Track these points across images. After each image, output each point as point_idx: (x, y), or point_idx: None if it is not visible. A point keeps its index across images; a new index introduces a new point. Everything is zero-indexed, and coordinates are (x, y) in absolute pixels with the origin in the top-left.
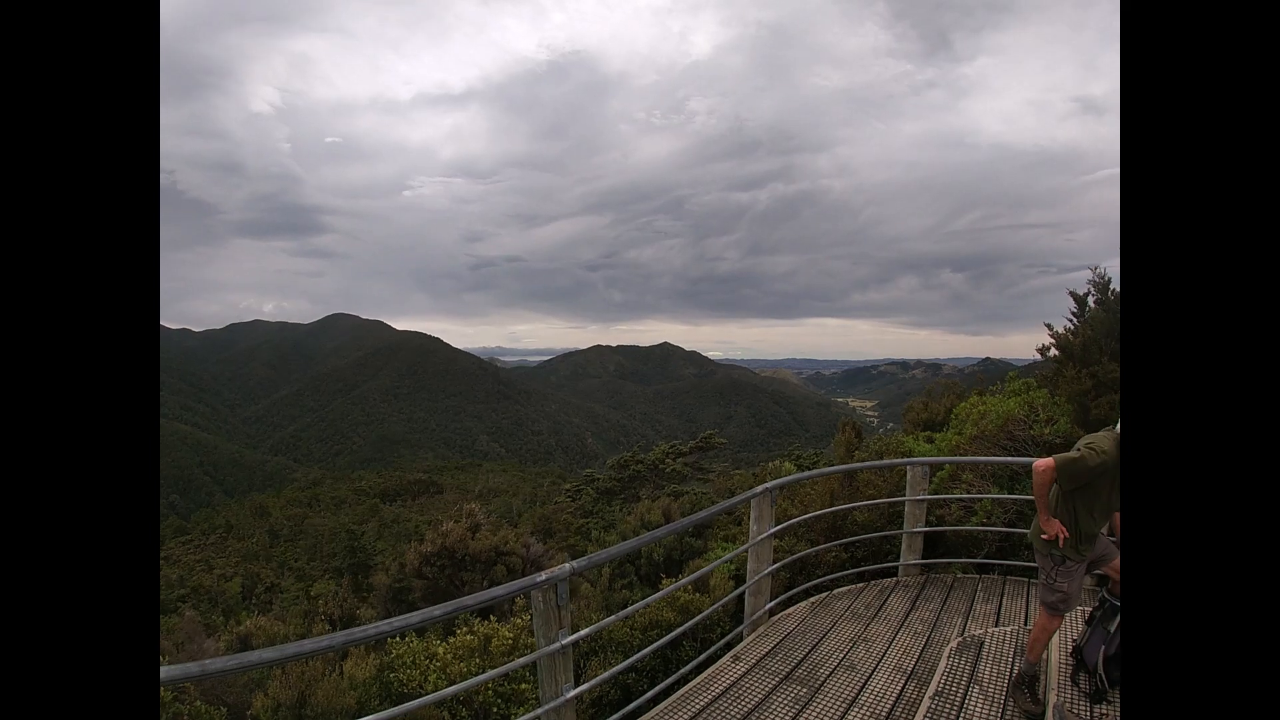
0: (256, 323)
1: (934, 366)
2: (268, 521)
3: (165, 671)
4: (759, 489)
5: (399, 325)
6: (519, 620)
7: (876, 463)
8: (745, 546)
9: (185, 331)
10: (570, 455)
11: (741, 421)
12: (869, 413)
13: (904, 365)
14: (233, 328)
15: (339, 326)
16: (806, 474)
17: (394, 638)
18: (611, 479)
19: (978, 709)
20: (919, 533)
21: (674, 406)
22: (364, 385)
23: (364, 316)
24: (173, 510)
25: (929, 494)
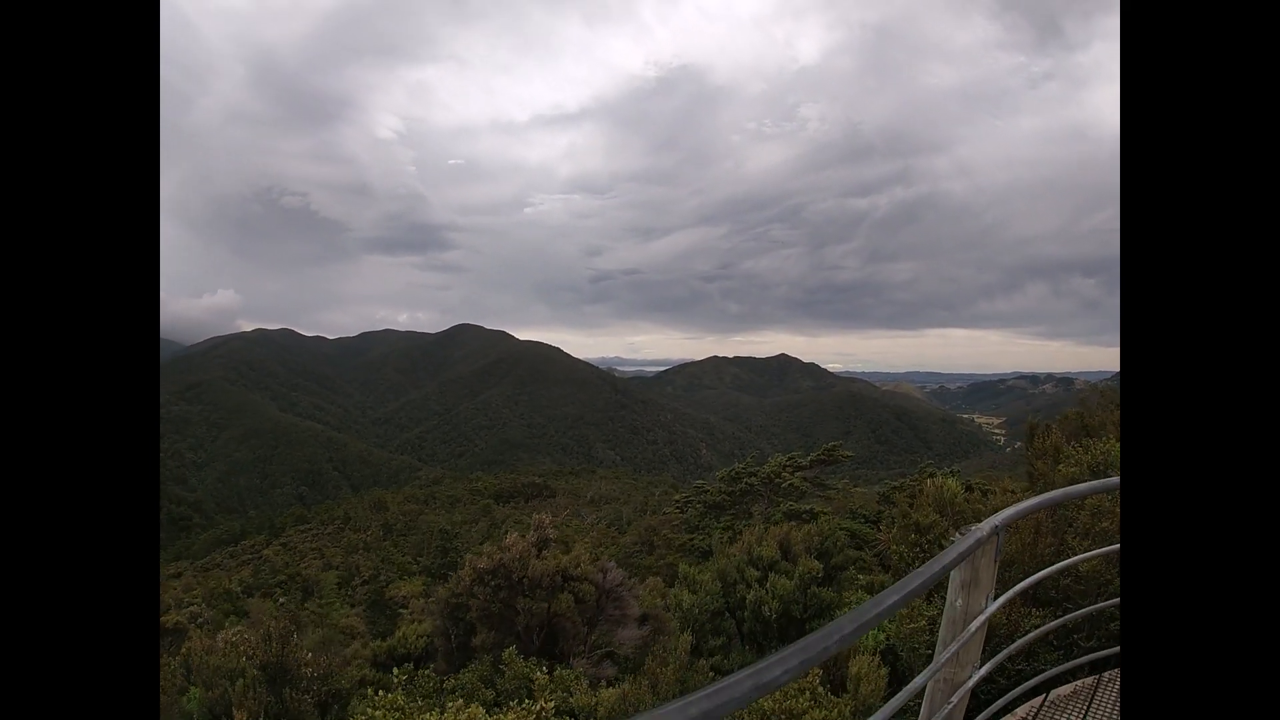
0: (388, 331)
1: (1065, 380)
2: (384, 516)
3: None
4: (981, 529)
5: (521, 335)
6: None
7: None
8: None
9: (320, 339)
10: (684, 465)
11: (860, 437)
12: (995, 430)
13: (1034, 379)
14: (365, 335)
15: (464, 336)
16: (1052, 496)
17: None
18: (721, 492)
19: None
20: None
21: (790, 420)
22: (487, 392)
23: (488, 327)
24: (300, 501)
25: None
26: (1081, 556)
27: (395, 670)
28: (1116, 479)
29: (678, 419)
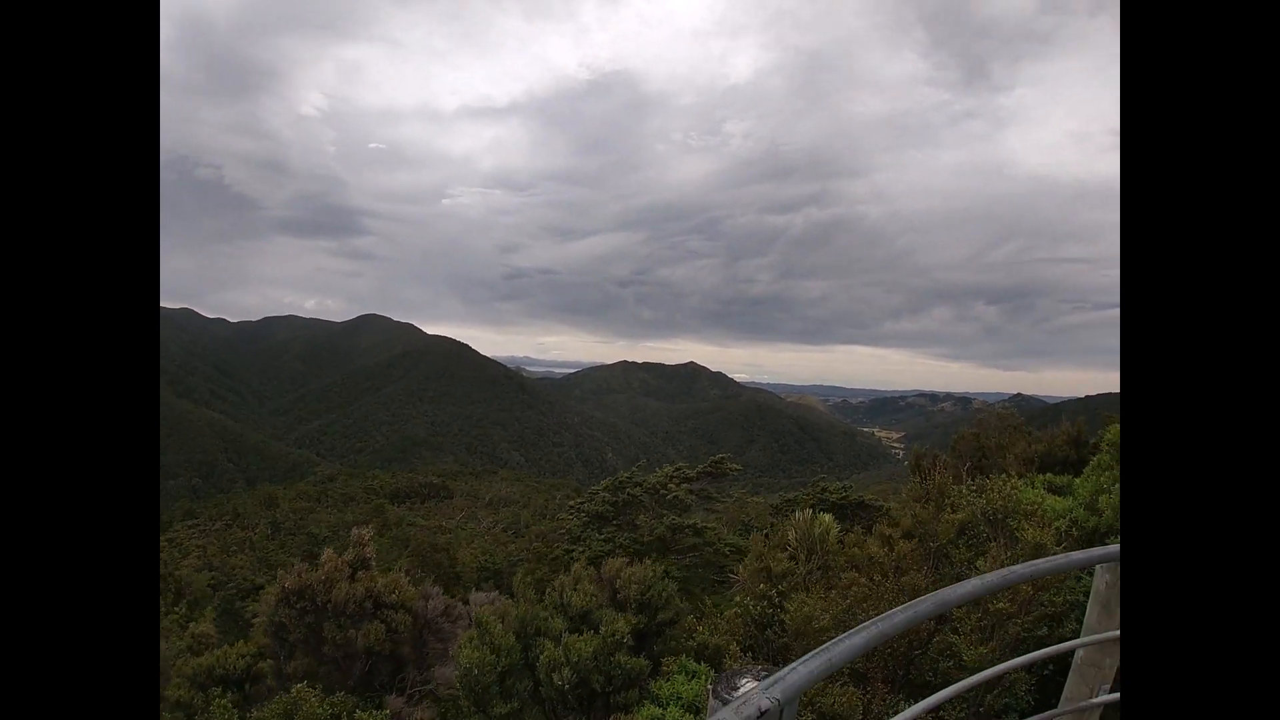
0: (292, 317)
1: (964, 400)
2: (274, 513)
3: None
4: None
5: (430, 329)
6: None
7: None
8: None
9: (221, 321)
10: (590, 469)
11: (765, 446)
12: (894, 444)
13: (933, 398)
14: (269, 320)
15: (371, 327)
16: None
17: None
18: (604, 502)
19: None
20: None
21: (696, 427)
22: (391, 386)
23: (396, 319)
24: (192, 494)
25: None
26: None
27: (212, 692)
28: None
29: (585, 422)
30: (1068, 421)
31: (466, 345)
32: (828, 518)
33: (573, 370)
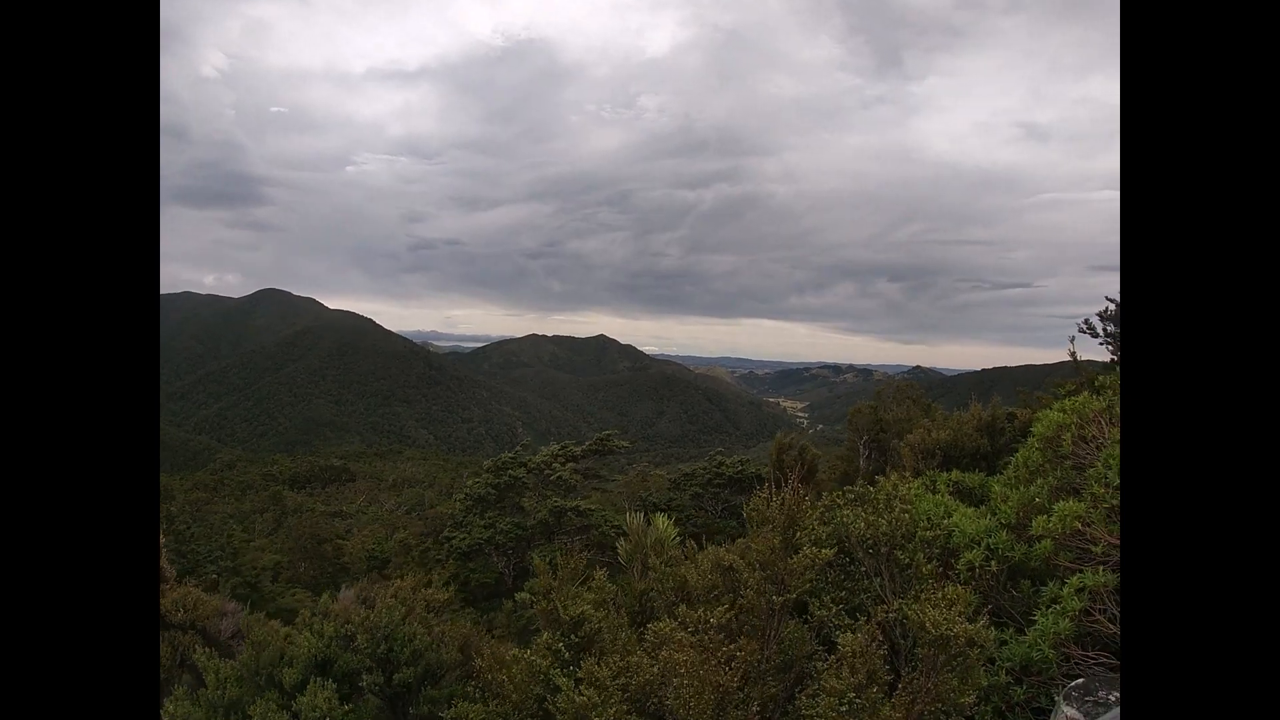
0: (186, 294)
1: (865, 372)
2: (168, 506)
3: None
4: None
5: (332, 304)
6: None
7: None
8: None
9: None
10: (500, 445)
11: (674, 417)
12: (800, 414)
13: (836, 369)
14: (163, 299)
15: (270, 302)
16: None
17: None
18: (486, 485)
19: None
20: None
21: (607, 399)
22: (292, 365)
23: (297, 293)
24: None
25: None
26: None
27: None
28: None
29: (494, 397)
30: (976, 399)
31: (370, 320)
32: (663, 522)
33: (481, 344)
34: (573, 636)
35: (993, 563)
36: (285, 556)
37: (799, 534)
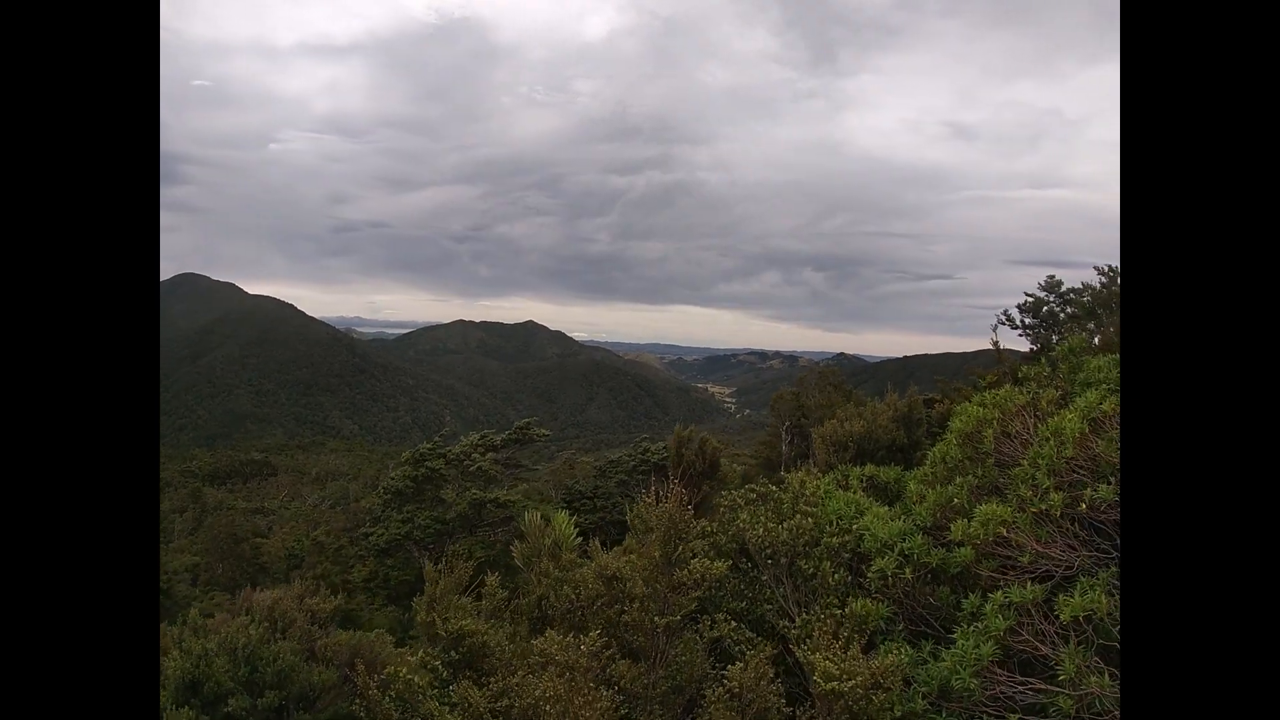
0: None
1: (791, 358)
2: None
3: None
4: None
5: (252, 289)
6: None
7: None
8: None
9: None
10: (427, 434)
11: (603, 404)
12: (727, 399)
13: (762, 355)
14: None
15: (188, 288)
16: None
17: None
18: (405, 478)
19: None
20: None
21: (536, 386)
22: (211, 354)
23: (216, 278)
24: None
25: None
26: None
27: None
28: None
29: (421, 385)
30: (893, 388)
31: (292, 306)
32: (562, 521)
33: (407, 330)
34: (453, 653)
35: (907, 570)
36: (203, 558)
37: (681, 548)
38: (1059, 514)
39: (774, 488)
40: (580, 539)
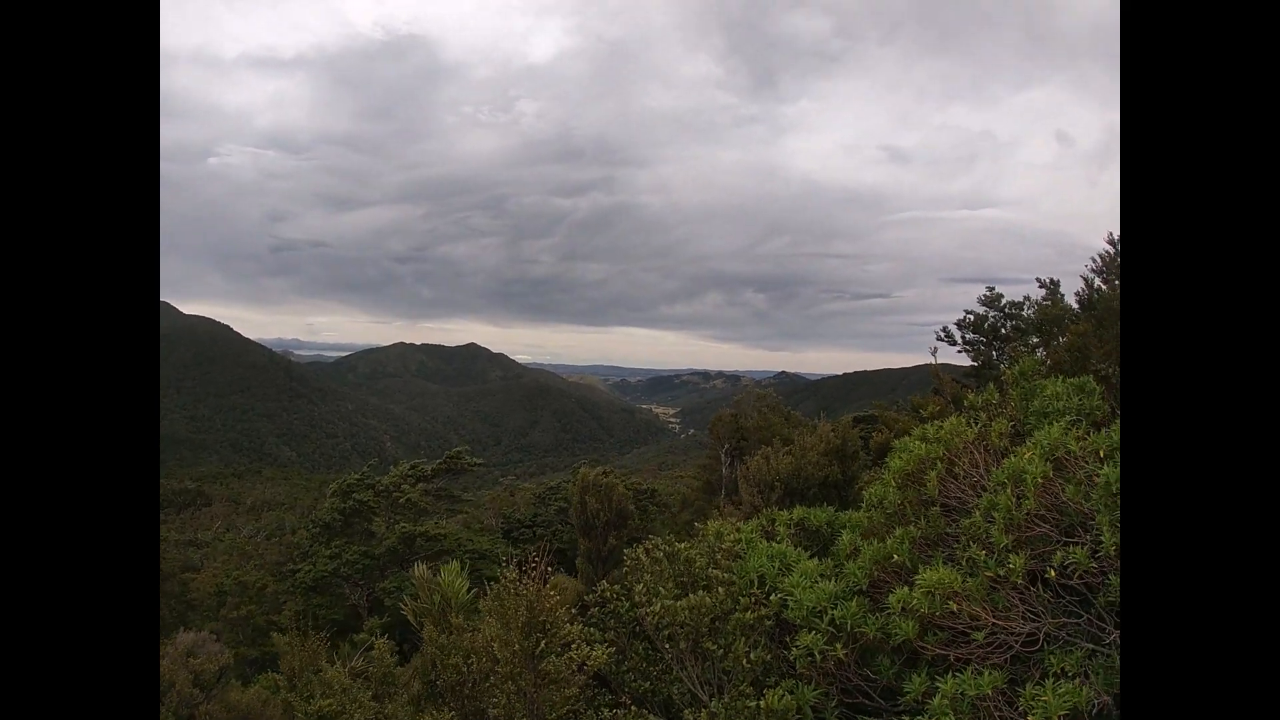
0: None
1: (734, 377)
2: None
3: None
4: None
5: (187, 309)
6: None
7: None
8: None
9: None
10: (367, 460)
11: (547, 427)
12: (671, 420)
13: (706, 375)
14: None
15: None
16: None
17: None
18: (333, 510)
19: None
20: None
21: (478, 410)
22: None
23: None
24: None
25: None
26: None
27: None
28: None
29: (361, 410)
30: (826, 419)
31: (228, 327)
32: (452, 575)
33: (346, 353)
34: None
35: (838, 647)
36: None
37: (544, 642)
38: (1019, 581)
39: (681, 545)
40: (473, 594)
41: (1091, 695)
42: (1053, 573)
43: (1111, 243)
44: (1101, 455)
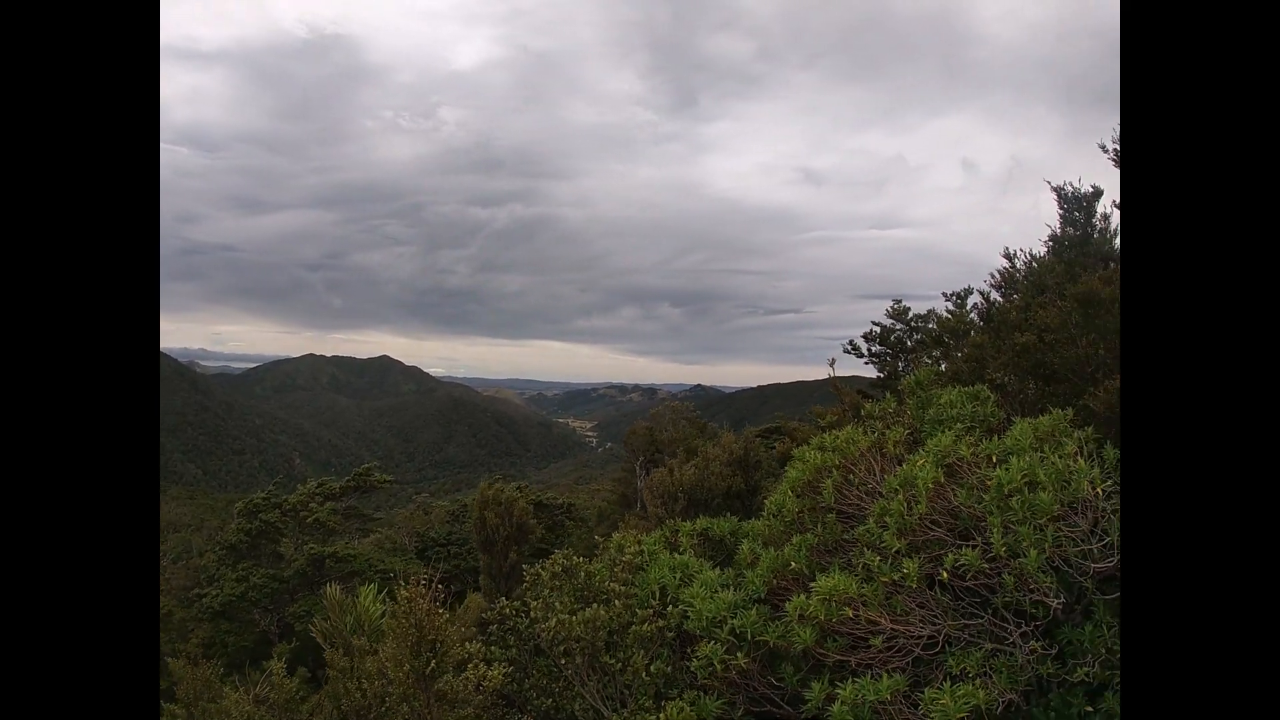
0: None
1: (650, 390)
2: None
3: None
4: None
5: None
6: None
7: None
8: None
9: None
10: (275, 478)
11: (463, 441)
12: (589, 433)
13: (623, 389)
14: None
15: None
16: None
17: None
18: (239, 531)
19: None
20: None
21: (391, 425)
22: None
23: None
24: None
25: None
26: None
27: None
28: None
29: (269, 425)
30: (730, 429)
31: None
32: (368, 595)
33: (254, 364)
34: None
35: (739, 655)
36: None
37: (434, 661)
38: (914, 584)
39: (580, 559)
40: (384, 616)
41: (995, 695)
42: (945, 575)
43: (1008, 257)
44: (994, 460)
